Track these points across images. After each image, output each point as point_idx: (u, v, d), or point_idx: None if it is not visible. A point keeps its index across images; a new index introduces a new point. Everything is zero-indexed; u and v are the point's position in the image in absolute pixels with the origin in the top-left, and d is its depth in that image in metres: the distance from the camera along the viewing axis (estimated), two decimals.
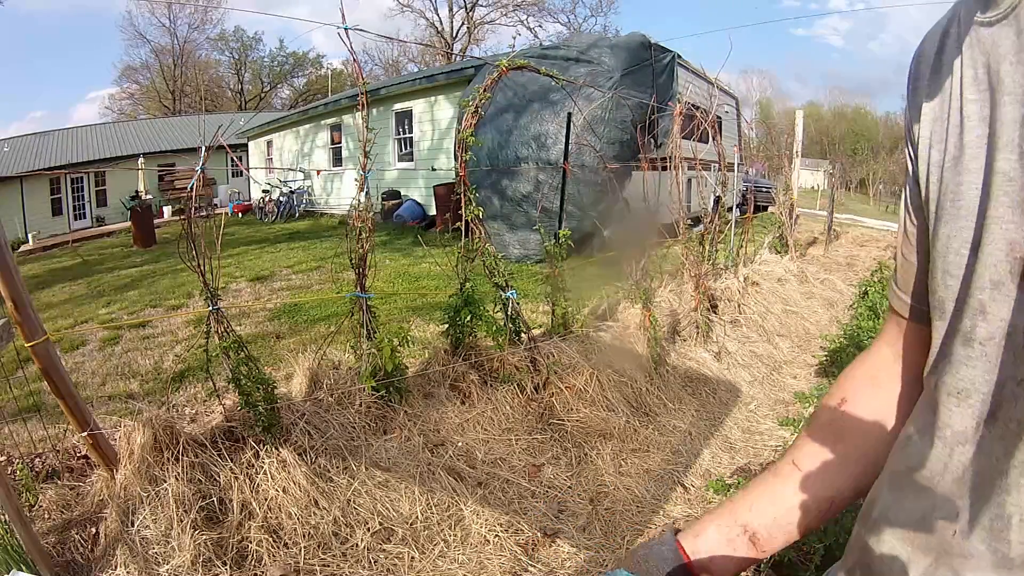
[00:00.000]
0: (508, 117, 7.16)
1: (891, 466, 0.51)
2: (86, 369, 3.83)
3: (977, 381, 0.41)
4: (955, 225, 0.43)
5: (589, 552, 1.95)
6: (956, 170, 0.43)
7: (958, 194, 0.43)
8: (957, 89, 0.44)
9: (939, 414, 0.45)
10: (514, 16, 30.10)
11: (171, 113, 29.07)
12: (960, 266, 0.43)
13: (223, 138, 2.05)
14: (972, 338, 0.42)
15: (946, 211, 0.44)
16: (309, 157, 14.21)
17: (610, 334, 3.32)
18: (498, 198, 7.16)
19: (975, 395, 0.42)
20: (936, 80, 0.47)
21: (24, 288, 1.73)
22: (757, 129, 14.47)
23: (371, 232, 2.46)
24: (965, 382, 0.42)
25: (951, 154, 0.44)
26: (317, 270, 7.05)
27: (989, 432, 0.41)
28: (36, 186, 15.86)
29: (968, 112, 0.43)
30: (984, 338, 0.41)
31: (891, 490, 0.49)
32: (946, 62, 0.46)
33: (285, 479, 1.97)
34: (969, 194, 0.42)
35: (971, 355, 0.42)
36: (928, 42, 0.49)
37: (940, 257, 0.45)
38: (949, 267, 0.44)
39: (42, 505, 1.95)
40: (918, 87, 0.50)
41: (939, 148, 0.46)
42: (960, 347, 0.43)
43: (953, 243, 0.43)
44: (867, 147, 34.11)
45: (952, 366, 0.43)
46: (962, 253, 0.42)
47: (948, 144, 0.45)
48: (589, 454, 2.50)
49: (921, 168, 0.48)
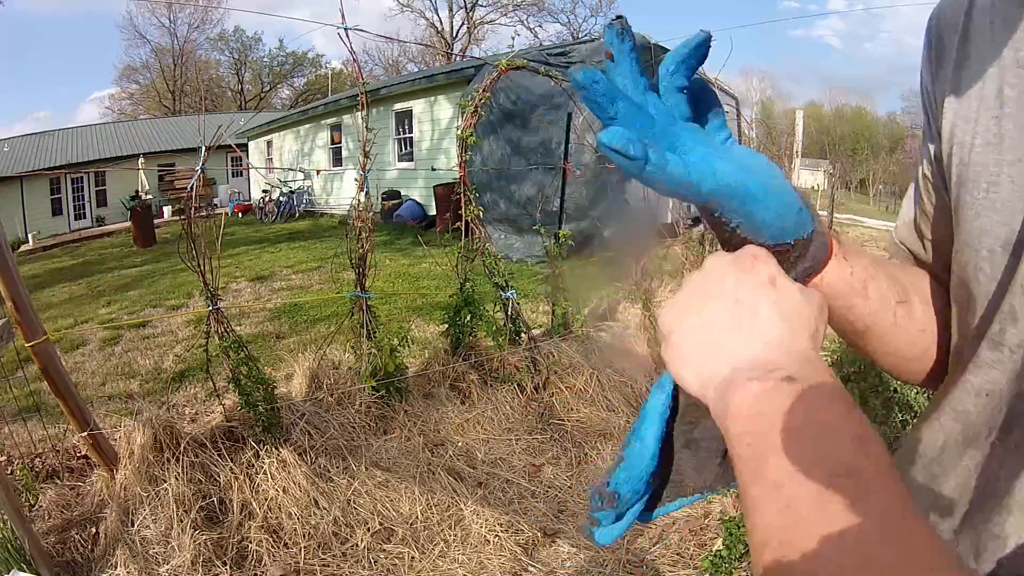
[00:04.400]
0: (515, 123, 7.23)
1: (901, 456, 0.50)
2: (86, 369, 3.83)
3: (1000, 386, 0.39)
4: (990, 219, 0.40)
5: (589, 552, 1.95)
6: (992, 158, 0.40)
7: (994, 185, 0.39)
8: (994, 68, 0.40)
9: (958, 412, 0.43)
10: (514, 16, 30.11)
11: (171, 113, 29.06)
12: (994, 264, 0.40)
13: (224, 138, 2.05)
14: (1001, 343, 0.39)
15: (978, 201, 0.40)
16: (309, 157, 14.21)
17: (610, 334, 3.32)
18: (505, 202, 7.29)
19: (995, 399, 0.40)
20: (964, 51, 0.43)
21: (24, 288, 1.73)
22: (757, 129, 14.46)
23: (371, 232, 2.46)
24: (990, 385, 0.40)
25: (983, 138, 0.40)
26: (317, 270, 7.05)
27: (1001, 443, 0.39)
28: (36, 186, 15.86)
29: (1008, 97, 0.39)
30: (1014, 344, 0.38)
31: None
32: (977, 34, 0.42)
33: (285, 479, 1.97)
34: (1006, 187, 0.39)
35: (1000, 359, 0.39)
36: (953, 7, 0.44)
37: (970, 249, 0.41)
38: (981, 263, 0.41)
39: (42, 505, 1.95)
40: (942, 56, 0.45)
41: (967, 128, 0.42)
42: (987, 350, 0.40)
43: (986, 239, 0.40)
44: (867, 147, 34.10)
45: (979, 367, 0.41)
46: (995, 251, 0.39)
47: (979, 126, 0.41)
48: (589, 454, 2.50)
49: (944, 148, 0.44)
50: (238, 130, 16.41)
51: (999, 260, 0.39)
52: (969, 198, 0.41)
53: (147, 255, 9.58)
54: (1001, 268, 0.39)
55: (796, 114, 8.34)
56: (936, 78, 0.45)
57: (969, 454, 0.41)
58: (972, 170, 0.41)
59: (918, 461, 0.46)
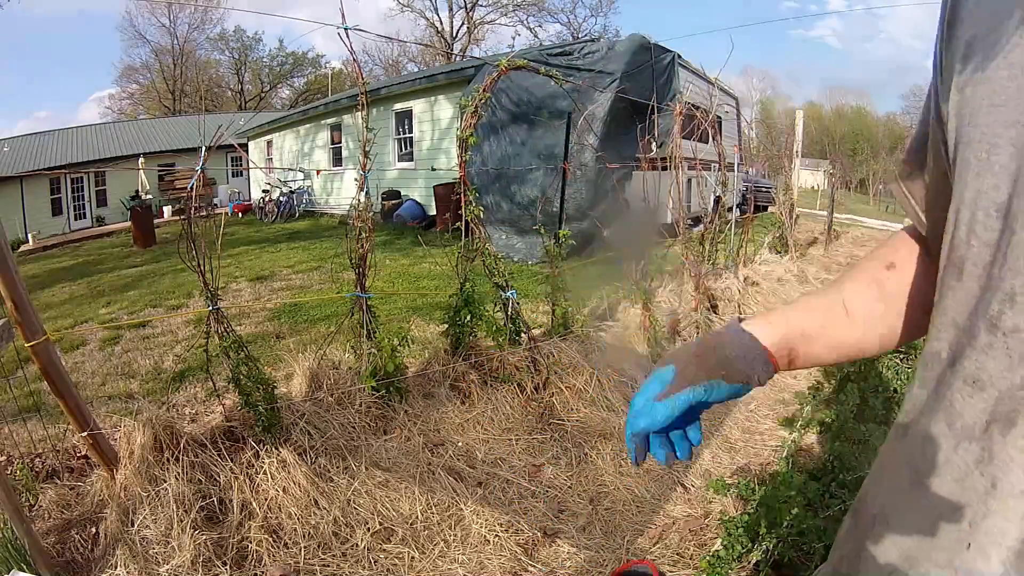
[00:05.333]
0: (518, 125, 7.27)
1: (889, 456, 0.48)
2: (86, 369, 3.83)
3: (994, 374, 0.37)
4: (988, 181, 0.39)
5: (589, 552, 1.95)
6: (997, 118, 0.39)
7: (995, 147, 0.39)
8: (1008, 27, 0.39)
9: (953, 401, 0.40)
10: (514, 16, 30.13)
11: (171, 113, 29.05)
12: (988, 228, 0.39)
13: (224, 138, 2.05)
14: (997, 326, 0.37)
15: (980, 162, 0.40)
16: (309, 157, 14.21)
17: (610, 334, 3.32)
18: (507, 203, 7.35)
19: (990, 389, 0.38)
20: (979, 11, 0.42)
21: (24, 288, 1.73)
22: (757, 129, 14.45)
23: (371, 232, 2.46)
24: (984, 372, 0.38)
25: (990, 99, 0.40)
26: (317, 270, 7.05)
27: (1003, 438, 0.37)
28: (36, 186, 15.86)
29: (1014, 59, 0.38)
30: (1009, 329, 0.37)
31: (890, 486, 0.47)
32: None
33: (285, 479, 1.97)
34: (1006, 150, 0.38)
35: (993, 343, 0.38)
36: None
37: (967, 210, 0.41)
38: (976, 226, 0.40)
39: (42, 505, 1.95)
40: (955, 18, 0.45)
41: (977, 90, 0.41)
42: (985, 332, 0.38)
43: (983, 201, 0.39)
44: (867, 147, 34.10)
45: (974, 350, 0.39)
46: (991, 214, 0.39)
47: (989, 86, 0.40)
48: (589, 454, 2.49)
49: (951, 109, 0.44)
50: (238, 130, 16.41)
51: (994, 224, 0.39)
52: (972, 158, 0.41)
53: (147, 255, 9.58)
54: (996, 233, 0.39)
55: (796, 114, 8.33)
56: (949, 39, 0.45)
57: (963, 447, 0.39)
58: (978, 131, 0.40)
59: (910, 461, 0.44)
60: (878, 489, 0.49)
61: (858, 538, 0.49)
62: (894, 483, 0.46)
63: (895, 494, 0.46)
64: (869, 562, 0.46)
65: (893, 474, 0.47)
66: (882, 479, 0.49)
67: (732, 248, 5.15)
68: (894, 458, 0.47)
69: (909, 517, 0.43)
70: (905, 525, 0.43)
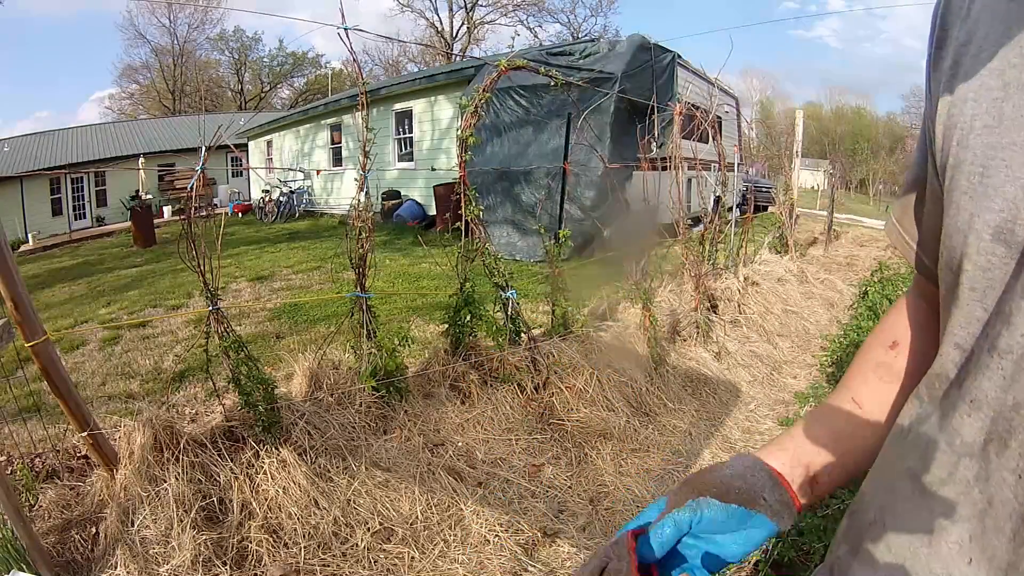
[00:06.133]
0: (520, 125, 7.28)
1: (888, 458, 0.48)
2: (86, 369, 3.83)
3: (990, 394, 0.38)
4: (981, 204, 0.39)
5: (589, 552, 1.95)
6: (990, 140, 0.39)
7: (988, 168, 0.38)
8: (998, 49, 0.39)
9: (951, 418, 0.41)
10: (514, 16, 30.15)
11: (171, 113, 29.05)
12: (981, 251, 0.38)
13: (224, 138, 2.05)
14: (995, 346, 0.37)
15: (973, 185, 0.39)
16: (309, 157, 14.21)
17: (610, 334, 3.32)
18: (511, 204, 7.38)
19: (986, 409, 0.38)
20: (968, 32, 0.42)
21: (24, 288, 1.73)
22: (757, 129, 14.48)
23: (371, 232, 2.46)
24: (980, 392, 0.38)
25: (983, 120, 0.39)
26: (317, 270, 7.05)
27: (998, 458, 0.37)
28: (36, 186, 15.87)
29: (1009, 78, 0.38)
30: (1003, 350, 0.37)
31: (889, 490, 0.46)
32: (983, 13, 0.41)
33: (285, 479, 1.97)
34: (1000, 172, 0.37)
35: (990, 364, 0.38)
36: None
37: (960, 234, 0.40)
38: (968, 250, 0.39)
39: (42, 505, 1.95)
40: (945, 38, 0.44)
41: (968, 110, 0.41)
42: (983, 353, 0.38)
43: (976, 224, 0.39)
44: (867, 147, 34.08)
45: (974, 370, 0.39)
46: (983, 237, 0.38)
47: (980, 107, 0.40)
48: (589, 454, 2.50)
49: (940, 130, 0.43)
50: (238, 130, 16.42)
51: (987, 247, 0.38)
52: (964, 181, 0.40)
53: (147, 255, 9.58)
54: (990, 257, 0.38)
55: (796, 114, 8.32)
56: (937, 60, 0.45)
57: (964, 463, 0.39)
58: (971, 152, 0.40)
59: (911, 467, 0.44)
60: (877, 491, 0.49)
61: (856, 539, 0.49)
62: (893, 488, 0.46)
63: (894, 499, 0.46)
64: (866, 563, 0.46)
65: (892, 478, 0.47)
66: (881, 481, 0.49)
67: (732, 248, 5.15)
68: (893, 461, 0.47)
69: (909, 524, 0.43)
70: (904, 531, 0.43)
